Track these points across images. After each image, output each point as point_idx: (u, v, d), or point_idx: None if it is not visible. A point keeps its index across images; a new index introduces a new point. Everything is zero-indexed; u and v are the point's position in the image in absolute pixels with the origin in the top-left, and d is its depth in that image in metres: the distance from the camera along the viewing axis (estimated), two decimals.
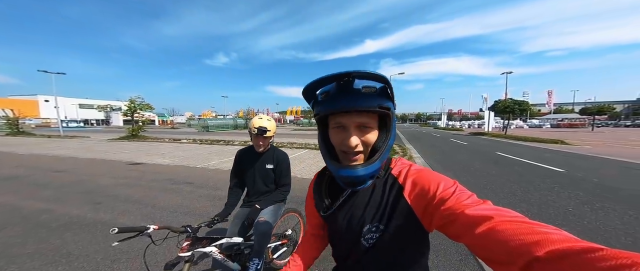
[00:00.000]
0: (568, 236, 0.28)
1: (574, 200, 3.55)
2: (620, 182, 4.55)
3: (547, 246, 0.27)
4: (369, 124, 0.49)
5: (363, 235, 0.52)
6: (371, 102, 0.46)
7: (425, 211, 0.46)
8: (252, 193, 1.66)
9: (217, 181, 4.64)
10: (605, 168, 5.84)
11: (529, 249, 0.28)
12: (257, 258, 1.48)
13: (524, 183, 4.55)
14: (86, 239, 2.39)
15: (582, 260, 0.24)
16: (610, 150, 9.24)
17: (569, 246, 0.26)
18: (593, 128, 27.63)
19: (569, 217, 2.92)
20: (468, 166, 6.37)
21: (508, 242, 0.30)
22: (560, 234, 0.28)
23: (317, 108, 0.52)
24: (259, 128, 1.50)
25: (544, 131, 26.11)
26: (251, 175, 1.64)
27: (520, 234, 0.30)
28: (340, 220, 0.57)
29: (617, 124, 41.88)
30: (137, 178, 4.98)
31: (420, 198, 0.47)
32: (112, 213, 3.09)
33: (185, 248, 1.15)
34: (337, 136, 0.50)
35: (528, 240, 0.29)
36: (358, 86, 0.47)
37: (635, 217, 2.87)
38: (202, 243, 1.25)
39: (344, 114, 0.48)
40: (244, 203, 1.70)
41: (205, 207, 3.27)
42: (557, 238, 0.27)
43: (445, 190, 0.43)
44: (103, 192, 3.99)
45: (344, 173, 0.49)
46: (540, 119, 44.00)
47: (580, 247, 0.25)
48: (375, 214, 0.51)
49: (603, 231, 2.55)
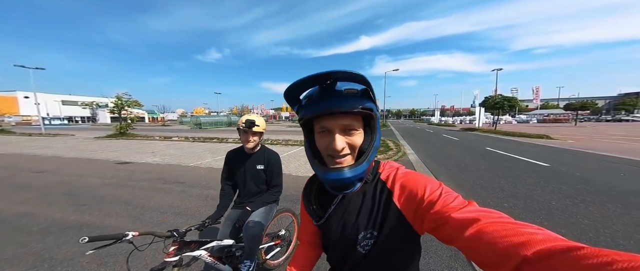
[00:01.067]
0: (551, 236, 0.29)
1: (557, 194, 3.70)
2: (599, 175, 4.77)
3: (533, 247, 0.28)
4: (353, 126, 0.49)
5: (359, 242, 0.52)
6: (354, 104, 0.46)
7: (415, 215, 0.47)
8: (243, 195, 1.64)
9: (210, 180, 4.56)
10: (587, 162, 6.11)
11: (517, 250, 0.28)
12: (249, 260, 1.47)
13: (511, 178, 4.70)
14: (70, 243, 2.30)
15: (565, 259, 0.25)
16: (591, 145, 9.65)
17: (552, 245, 0.27)
18: (576, 123, 28.86)
19: (553, 211, 3.04)
20: (460, 161, 6.50)
21: (496, 244, 0.31)
22: (544, 234, 0.29)
23: (301, 113, 0.52)
24: (247, 121, 1.47)
25: (531, 126, 27.05)
26: (242, 176, 1.61)
27: (507, 236, 0.31)
28: (334, 227, 0.57)
29: (598, 119, 43.79)
30: (126, 178, 4.83)
31: (409, 202, 0.48)
32: (98, 215, 2.99)
33: (172, 253, 1.12)
34: (322, 140, 0.50)
35: (515, 241, 0.29)
36: (340, 88, 0.47)
37: (613, 211, 3.02)
38: (191, 246, 1.22)
39: (328, 117, 0.48)
40: (235, 205, 1.68)
41: (197, 207, 3.22)
42: (541, 238, 0.28)
43: (432, 193, 0.45)
44: (88, 193, 3.85)
45: (330, 177, 0.48)
46: (527, 115, 45.48)
47: (564, 246, 0.26)
48: (369, 221, 0.52)
49: (584, 224, 2.66)
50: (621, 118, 40.35)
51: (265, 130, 1.59)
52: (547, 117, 38.32)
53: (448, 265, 1.95)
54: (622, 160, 6.34)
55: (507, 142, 11.60)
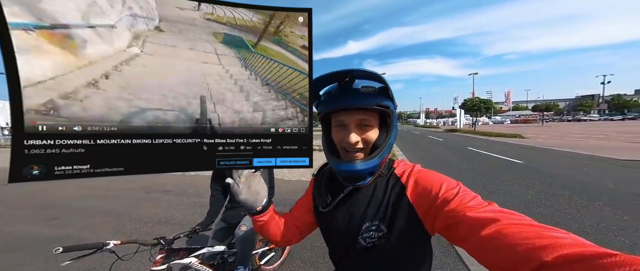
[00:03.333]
0: (579, 241, 0.27)
1: (531, 189, 4.02)
2: (565, 170, 5.26)
3: (556, 251, 0.26)
4: (368, 122, 0.50)
5: (361, 233, 0.51)
6: (370, 101, 0.48)
7: (427, 212, 0.45)
8: (235, 200, 1.59)
9: (198, 187, 4.38)
10: (554, 159, 6.71)
11: (537, 254, 0.27)
12: (242, 266, 1.44)
13: (491, 175, 5.03)
14: (41, 259, 2.09)
15: (593, 266, 0.23)
16: (557, 142, 10.61)
17: (580, 250, 0.25)
18: (543, 123, 31.75)
19: (529, 205, 3.30)
20: (445, 160, 6.89)
21: (515, 246, 0.29)
22: (570, 238, 0.28)
23: (320, 107, 0.55)
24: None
25: (505, 126, 29.25)
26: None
27: (528, 238, 0.29)
28: (339, 217, 0.56)
29: (561, 119, 48.48)
30: (105, 188, 4.47)
31: (422, 199, 0.47)
32: (74, 228, 2.75)
33: (160, 261, 1.08)
34: (338, 134, 0.52)
35: (537, 245, 0.28)
36: (358, 86, 0.49)
37: (580, 203, 3.34)
38: (179, 254, 1.19)
39: (344, 112, 0.50)
40: (226, 210, 1.64)
41: (184, 216, 3.07)
42: (567, 243, 0.27)
43: (449, 191, 0.43)
44: (62, 205, 3.53)
45: (343, 168, 0.50)
46: (502, 116, 49.27)
47: (593, 252, 0.24)
48: (377, 212, 0.51)
49: (557, 216, 2.92)
50: (580, 118, 45.12)
51: None
52: (519, 118, 41.79)
53: (440, 261, 2.04)
54: (582, 156, 7.03)
55: (486, 141, 12.40)
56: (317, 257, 2.10)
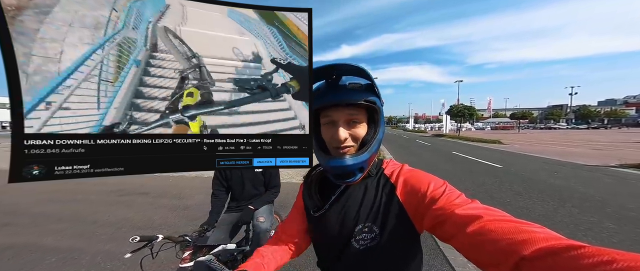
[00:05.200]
0: (552, 234, 0.29)
1: (510, 191, 4.24)
2: (539, 174, 5.62)
3: (533, 245, 0.28)
4: (356, 118, 0.50)
5: (354, 236, 0.51)
6: (357, 96, 0.48)
7: (416, 211, 0.46)
8: (241, 198, 1.63)
9: (182, 189, 4.16)
10: (529, 163, 7.17)
11: (517, 248, 0.28)
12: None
13: (473, 178, 5.26)
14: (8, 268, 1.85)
15: (566, 257, 0.25)
16: (532, 148, 11.39)
17: (554, 244, 0.27)
18: (519, 130, 34.00)
19: (507, 207, 3.48)
20: (432, 164, 7.14)
21: (498, 242, 0.31)
22: (544, 232, 0.30)
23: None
24: None
25: (486, 133, 31.04)
26: (239, 180, 1.61)
27: (509, 233, 0.31)
28: (332, 220, 0.55)
29: (535, 127, 52.27)
30: (71, 191, 4.11)
31: (411, 198, 0.48)
32: (32, 235, 2.48)
33: (188, 258, 1.08)
34: (327, 131, 0.52)
35: (516, 239, 0.29)
36: (345, 83, 0.50)
37: (552, 204, 3.57)
38: (202, 251, 1.18)
39: (333, 109, 0.50)
40: (229, 209, 1.64)
41: (165, 219, 2.89)
42: (542, 237, 0.28)
43: (436, 190, 0.45)
44: (14, 210, 3.19)
45: (333, 164, 0.49)
46: (483, 122, 52.18)
47: (564, 245, 0.26)
48: (369, 214, 0.51)
49: (533, 217, 3.10)
50: (551, 126, 48.99)
51: None
52: (498, 125, 44.55)
53: (427, 262, 2.07)
54: (554, 161, 7.58)
55: (469, 146, 13.05)
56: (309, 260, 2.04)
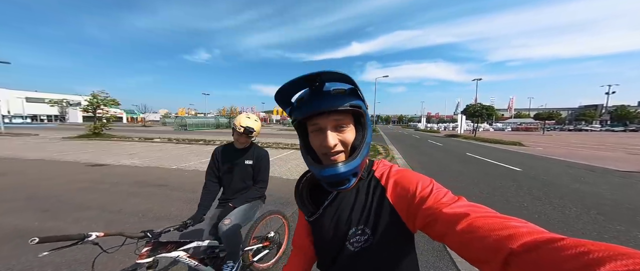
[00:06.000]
0: (534, 228, 0.30)
1: (528, 195, 3.99)
2: (564, 179, 5.23)
3: (518, 240, 0.29)
4: (344, 123, 0.51)
5: (348, 239, 0.52)
6: (342, 102, 0.49)
7: (407, 212, 0.47)
8: (229, 192, 1.61)
9: (196, 183, 4.37)
10: (553, 167, 6.68)
11: (504, 244, 0.29)
12: (232, 262, 1.42)
13: (489, 181, 5.00)
14: (27, 253, 2.09)
15: (549, 250, 0.26)
16: (557, 151, 10.59)
17: (536, 237, 0.28)
18: (544, 132, 31.51)
19: (523, 212, 3.29)
20: (444, 166, 6.87)
21: (485, 238, 0.32)
22: (527, 226, 0.31)
23: (294, 114, 0.54)
24: (246, 128, 1.49)
25: (506, 134, 29.07)
26: (229, 172, 1.60)
27: (495, 229, 0.32)
28: (326, 224, 0.56)
29: (562, 128, 48.16)
30: (98, 181, 4.48)
31: (401, 199, 0.48)
32: (64, 221, 2.75)
33: (145, 254, 1.07)
34: (316, 139, 0.52)
35: (503, 235, 0.30)
36: (329, 89, 0.49)
37: (575, 211, 3.32)
38: (167, 248, 1.17)
39: (319, 116, 0.50)
40: (219, 203, 1.64)
41: (180, 211, 3.07)
42: (526, 231, 0.29)
43: (424, 189, 0.46)
44: (53, 197, 3.53)
45: (326, 173, 0.49)
46: (503, 123, 48.98)
47: (547, 238, 0.27)
48: (361, 216, 0.52)
49: (551, 224, 2.91)
50: (581, 128, 44.88)
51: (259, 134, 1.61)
52: (520, 126, 41.60)
53: (433, 265, 2.03)
54: (580, 165, 7.00)
55: (485, 148, 12.35)
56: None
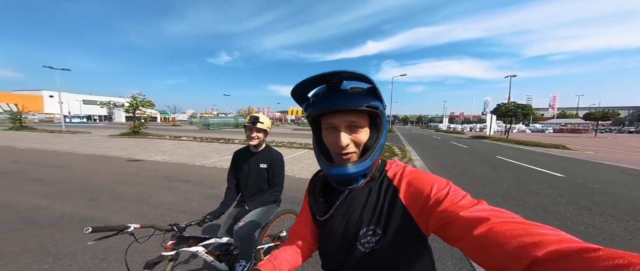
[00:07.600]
0: (566, 237, 0.28)
1: (572, 205, 3.49)
2: (617, 186, 4.46)
3: (545, 248, 0.27)
4: (358, 123, 0.49)
5: (359, 239, 0.51)
6: (359, 102, 0.47)
7: (420, 213, 0.45)
8: (245, 193, 1.67)
9: (215, 180, 4.64)
10: (604, 173, 5.76)
11: (528, 251, 0.27)
12: (244, 260, 1.46)
13: (521, 185, 4.48)
14: (76, 237, 2.38)
15: (580, 260, 0.24)
16: (611, 156, 9.13)
17: (567, 246, 0.26)
18: (596, 134, 27.33)
19: (566, 223, 2.87)
20: (468, 168, 6.33)
21: (506, 244, 0.30)
22: (557, 234, 0.28)
23: (309, 110, 0.54)
24: (251, 117, 1.53)
25: (546, 136, 25.91)
26: (245, 174, 1.65)
27: (518, 236, 0.29)
28: (337, 224, 0.55)
29: (620, 130, 41.33)
30: (135, 175, 4.99)
31: (415, 200, 0.47)
32: (108, 210, 3.09)
33: (170, 247, 1.13)
34: (329, 137, 0.51)
35: (526, 242, 0.28)
36: (346, 87, 0.48)
37: (632, 224, 2.82)
38: (189, 242, 1.23)
39: (334, 114, 0.49)
40: (237, 203, 1.71)
41: (200, 206, 3.27)
42: (555, 239, 0.27)
43: (440, 191, 0.43)
44: (100, 188, 4.00)
45: (334, 171, 0.49)
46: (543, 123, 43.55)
47: (579, 247, 0.25)
48: (372, 216, 0.51)
49: (603, 237, 2.50)
50: None
51: (269, 129, 1.63)
52: (564, 127, 36.59)
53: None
54: (638, 171, 5.94)
55: (520, 151, 11.14)
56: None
